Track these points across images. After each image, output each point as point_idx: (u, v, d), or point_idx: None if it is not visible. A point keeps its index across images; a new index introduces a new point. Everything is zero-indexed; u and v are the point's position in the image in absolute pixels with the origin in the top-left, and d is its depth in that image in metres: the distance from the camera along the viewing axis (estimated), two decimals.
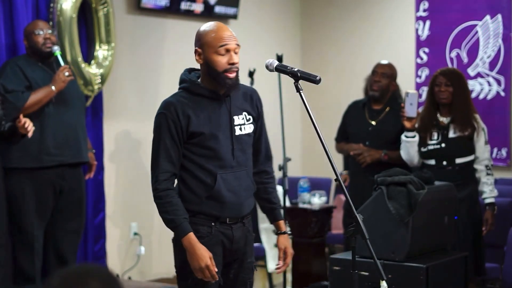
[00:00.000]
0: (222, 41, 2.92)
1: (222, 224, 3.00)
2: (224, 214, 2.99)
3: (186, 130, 2.93)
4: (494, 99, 6.15)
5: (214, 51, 2.93)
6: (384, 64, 4.94)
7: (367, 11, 6.90)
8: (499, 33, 6.12)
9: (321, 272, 5.33)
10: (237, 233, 3.04)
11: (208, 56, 2.94)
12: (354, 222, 2.80)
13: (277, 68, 2.99)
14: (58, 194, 4.66)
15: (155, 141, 2.98)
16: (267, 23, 6.86)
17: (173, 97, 2.98)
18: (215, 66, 2.93)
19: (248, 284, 3.15)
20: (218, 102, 2.98)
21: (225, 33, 2.94)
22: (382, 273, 2.80)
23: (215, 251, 2.97)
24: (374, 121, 4.91)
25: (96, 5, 5.28)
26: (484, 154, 4.56)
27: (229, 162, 2.98)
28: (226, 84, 2.93)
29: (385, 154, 4.81)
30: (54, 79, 4.50)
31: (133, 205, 5.84)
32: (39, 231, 4.59)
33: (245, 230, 3.09)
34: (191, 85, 2.99)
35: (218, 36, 2.93)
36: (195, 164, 2.96)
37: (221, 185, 2.96)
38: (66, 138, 4.61)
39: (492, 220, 4.54)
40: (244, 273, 3.12)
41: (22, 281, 4.59)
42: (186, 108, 2.93)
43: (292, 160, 5.34)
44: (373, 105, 4.95)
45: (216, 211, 2.98)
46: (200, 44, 2.98)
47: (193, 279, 2.95)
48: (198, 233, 2.95)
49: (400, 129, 4.77)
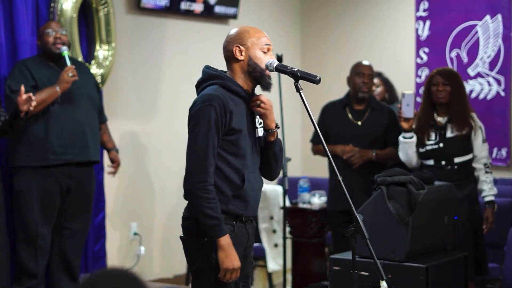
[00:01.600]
0: (266, 40, 3.02)
1: (241, 223, 3.03)
2: (247, 213, 3.03)
3: (228, 125, 2.93)
4: (494, 99, 6.15)
5: (259, 47, 2.99)
6: (368, 65, 4.98)
7: (367, 11, 6.90)
8: (499, 33, 6.12)
9: (321, 272, 5.33)
10: (250, 231, 3.10)
11: (253, 52, 2.98)
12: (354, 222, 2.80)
13: (277, 68, 3.00)
14: (65, 193, 4.68)
15: (202, 133, 2.89)
16: (267, 23, 6.86)
17: (215, 91, 2.95)
18: (260, 62, 2.98)
19: (249, 278, 3.17)
20: (246, 101, 3.02)
21: (264, 33, 3.05)
22: (382, 273, 2.80)
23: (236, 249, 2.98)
24: (359, 121, 4.93)
25: (96, 5, 5.28)
26: (482, 153, 4.57)
27: (251, 161, 3.01)
28: (267, 82, 3.00)
29: (376, 154, 4.83)
30: (59, 79, 4.55)
31: (133, 205, 5.84)
32: (44, 229, 4.62)
33: (254, 228, 3.14)
34: (228, 81, 2.99)
35: (262, 35, 3.02)
36: (224, 162, 2.96)
37: (247, 185, 2.99)
38: (72, 137, 4.63)
39: (492, 219, 4.55)
40: (248, 267, 3.14)
41: (23, 278, 4.61)
42: (229, 103, 2.94)
43: (292, 160, 5.34)
44: (355, 106, 4.96)
45: (241, 210, 3.00)
46: (243, 41, 3.00)
47: (216, 280, 2.94)
48: None
49: (384, 128, 4.82)
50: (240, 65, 3.00)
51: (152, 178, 5.95)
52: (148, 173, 5.92)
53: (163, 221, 6.04)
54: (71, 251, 4.77)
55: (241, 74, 3.00)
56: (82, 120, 4.70)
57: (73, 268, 4.80)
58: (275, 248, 5.77)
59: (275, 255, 5.75)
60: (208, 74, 3.04)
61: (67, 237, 4.75)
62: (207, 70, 3.06)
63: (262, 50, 2.99)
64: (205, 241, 2.94)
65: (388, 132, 4.87)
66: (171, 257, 5.99)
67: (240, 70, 3.00)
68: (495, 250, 4.91)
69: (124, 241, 5.79)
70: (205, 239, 2.94)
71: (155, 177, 5.96)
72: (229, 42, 3.03)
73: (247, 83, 3.01)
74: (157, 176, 5.97)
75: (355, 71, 4.95)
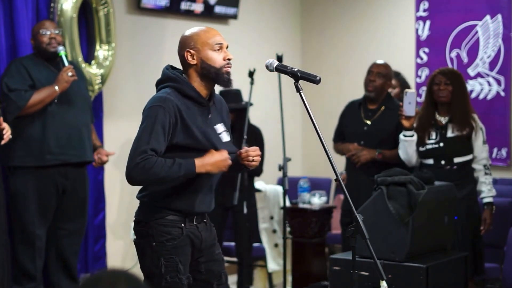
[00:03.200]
0: (217, 39, 2.98)
1: (191, 224, 3.01)
2: (195, 209, 3.00)
3: (179, 125, 2.91)
4: (494, 99, 6.15)
5: (210, 48, 2.97)
6: (380, 64, 4.91)
7: (367, 11, 6.90)
8: (499, 33, 6.12)
9: (321, 272, 5.33)
10: (205, 234, 3.06)
11: (204, 54, 2.96)
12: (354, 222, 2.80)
13: (277, 68, 3.00)
14: (61, 194, 4.68)
15: (146, 129, 2.88)
16: (267, 23, 6.86)
17: (167, 94, 2.94)
18: (213, 62, 2.96)
19: (223, 276, 3.13)
20: (204, 108, 3.00)
21: (216, 32, 3.01)
22: (382, 273, 2.80)
23: (186, 251, 2.98)
24: (369, 121, 4.91)
25: (96, 5, 5.28)
26: (482, 154, 4.57)
27: None
28: (225, 79, 2.97)
29: (380, 153, 4.80)
30: (57, 79, 4.54)
31: (133, 205, 5.82)
32: (41, 230, 4.62)
33: (209, 231, 3.10)
34: (182, 85, 2.98)
35: (211, 35, 2.99)
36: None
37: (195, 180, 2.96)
38: (69, 138, 4.63)
39: (490, 220, 4.55)
40: (216, 265, 3.11)
41: (22, 279, 4.60)
42: (180, 107, 2.92)
43: (292, 160, 5.33)
44: (368, 105, 4.93)
45: (188, 207, 2.98)
46: (192, 45, 2.98)
47: (165, 284, 2.95)
48: (169, 235, 2.96)
49: (395, 129, 4.78)
50: (195, 69, 2.99)
51: None
52: None
53: None
54: (68, 251, 4.76)
55: (196, 78, 2.99)
56: (78, 121, 4.70)
57: (71, 268, 4.79)
58: (275, 248, 5.77)
59: (275, 255, 5.75)
60: (166, 75, 3.03)
61: (64, 237, 4.74)
62: (167, 71, 3.05)
63: (214, 50, 2.96)
64: (154, 246, 2.95)
65: (398, 131, 4.77)
66: None
67: (195, 74, 2.99)
68: (495, 250, 4.91)
69: (124, 241, 5.79)
70: (153, 244, 2.95)
71: None
72: (180, 48, 3.02)
73: (203, 86, 2.99)
74: None
75: (368, 69, 4.93)
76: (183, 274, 2.97)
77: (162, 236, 2.96)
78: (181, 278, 2.96)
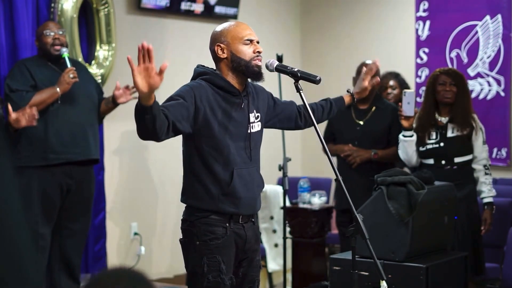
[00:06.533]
0: (246, 33, 3.03)
1: (236, 224, 3.01)
2: (241, 211, 3.00)
3: (203, 112, 2.92)
4: (494, 99, 6.15)
5: (240, 42, 3.01)
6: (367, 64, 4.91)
7: (367, 11, 6.90)
8: (499, 33, 6.12)
9: (321, 272, 5.33)
10: (250, 233, 3.07)
11: (235, 47, 3.00)
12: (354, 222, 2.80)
13: (277, 68, 3.00)
14: (66, 193, 4.69)
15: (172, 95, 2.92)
16: (267, 23, 6.86)
17: (198, 83, 2.99)
18: (243, 55, 3.00)
19: (256, 282, 3.15)
20: (236, 98, 3.01)
21: (246, 26, 3.08)
22: (382, 273, 2.81)
23: (230, 252, 2.97)
24: (361, 121, 4.91)
25: (96, 6, 5.28)
26: (482, 154, 4.57)
27: (240, 157, 3.00)
28: (255, 72, 3.00)
29: (375, 153, 4.81)
30: (59, 80, 4.56)
31: (133, 205, 5.85)
32: (44, 229, 4.62)
33: (254, 230, 3.11)
34: (213, 76, 3.01)
35: (241, 29, 3.05)
36: (208, 158, 2.96)
37: (237, 181, 2.97)
38: (73, 136, 4.64)
39: (490, 220, 4.55)
40: (253, 271, 3.12)
41: None
42: (209, 95, 2.95)
43: (292, 160, 5.33)
44: (359, 105, 4.93)
45: (232, 208, 2.98)
46: (222, 39, 3.02)
47: (208, 281, 2.95)
48: (213, 234, 2.96)
49: (387, 128, 4.79)
50: (225, 63, 3.02)
51: (152, 178, 5.95)
52: (149, 173, 5.92)
53: (163, 221, 6.05)
54: (71, 251, 4.77)
55: (228, 71, 3.02)
56: (82, 119, 4.71)
57: (74, 268, 4.80)
58: (275, 248, 5.77)
59: (275, 255, 5.75)
60: (197, 72, 3.08)
61: (67, 236, 4.75)
62: (197, 68, 3.10)
63: (244, 43, 3.01)
64: (197, 245, 2.95)
65: (391, 130, 4.81)
66: (171, 257, 5.99)
67: (227, 68, 3.02)
68: (495, 250, 4.91)
69: (124, 241, 5.80)
70: (197, 243, 2.95)
71: (156, 177, 5.96)
72: (211, 43, 3.06)
73: (235, 80, 3.02)
74: (158, 176, 5.97)
75: (357, 70, 4.93)
76: (226, 274, 2.96)
77: (206, 235, 2.96)
78: (223, 278, 2.95)
